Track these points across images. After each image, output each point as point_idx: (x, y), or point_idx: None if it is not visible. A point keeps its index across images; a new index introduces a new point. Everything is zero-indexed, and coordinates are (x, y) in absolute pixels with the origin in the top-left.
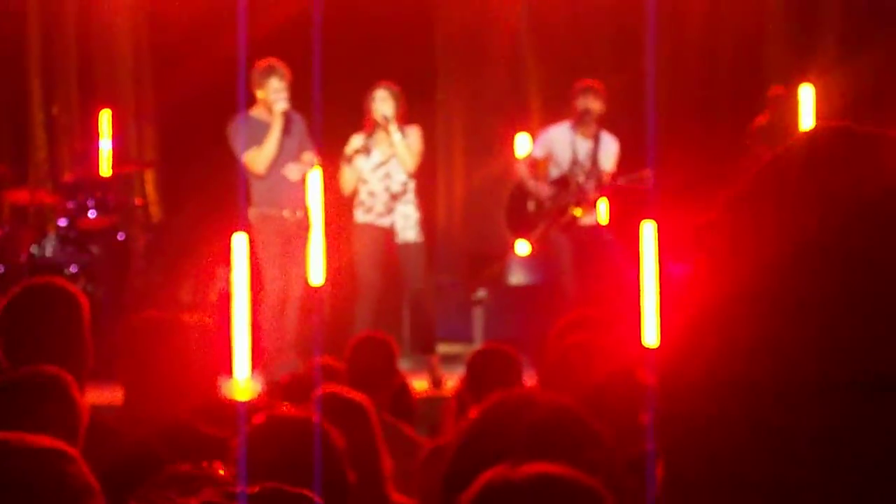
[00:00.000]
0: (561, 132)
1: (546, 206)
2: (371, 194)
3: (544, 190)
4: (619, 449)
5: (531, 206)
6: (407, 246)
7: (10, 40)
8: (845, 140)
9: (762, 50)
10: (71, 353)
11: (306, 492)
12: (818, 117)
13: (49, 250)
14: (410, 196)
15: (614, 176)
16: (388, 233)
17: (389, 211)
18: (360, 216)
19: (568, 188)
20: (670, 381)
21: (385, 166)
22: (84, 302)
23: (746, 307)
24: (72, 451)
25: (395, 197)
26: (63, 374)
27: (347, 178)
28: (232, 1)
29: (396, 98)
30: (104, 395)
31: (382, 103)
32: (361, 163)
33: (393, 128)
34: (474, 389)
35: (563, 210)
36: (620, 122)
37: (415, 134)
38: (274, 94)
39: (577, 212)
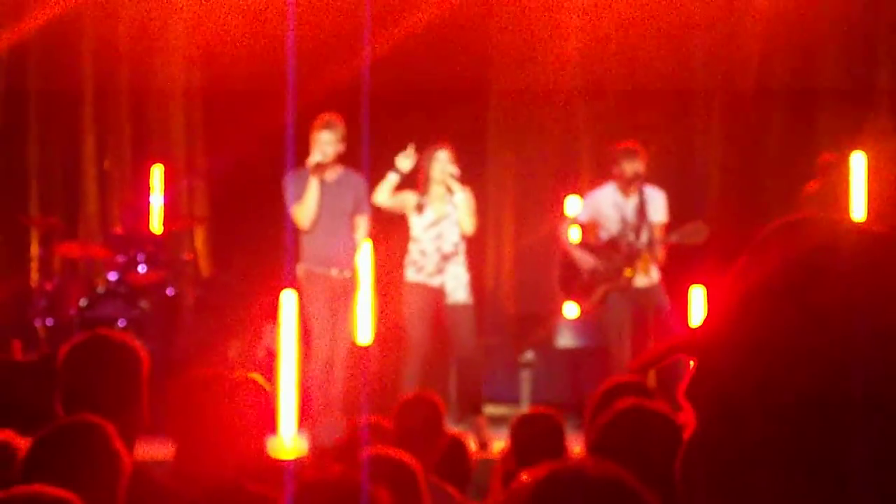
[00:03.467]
0: (605, 195)
1: (600, 270)
2: (423, 253)
3: (589, 260)
4: None
5: (585, 272)
6: (457, 307)
7: (65, 94)
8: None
9: (814, 115)
10: (127, 407)
11: None
12: (870, 185)
13: (99, 304)
14: (461, 257)
15: (666, 230)
16: (439, 293)
17: (440, 271)
18: (410, 275)
19: (619, 250)
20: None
21: (437, 226)
22: (144, 357)
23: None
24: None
25: (446, 257)
26: (105, 425)
27: (387, 191)
28: (286, 59)
29: (454, 158)
30: (153, 451)
31: (446, 164)
32: (414, 220)
33: (457, 187)
34: (519, 454)
35: (618, 273)
36: (670, 184)
37: (468, 195)
38: (317, 147)
39: (630, 273)
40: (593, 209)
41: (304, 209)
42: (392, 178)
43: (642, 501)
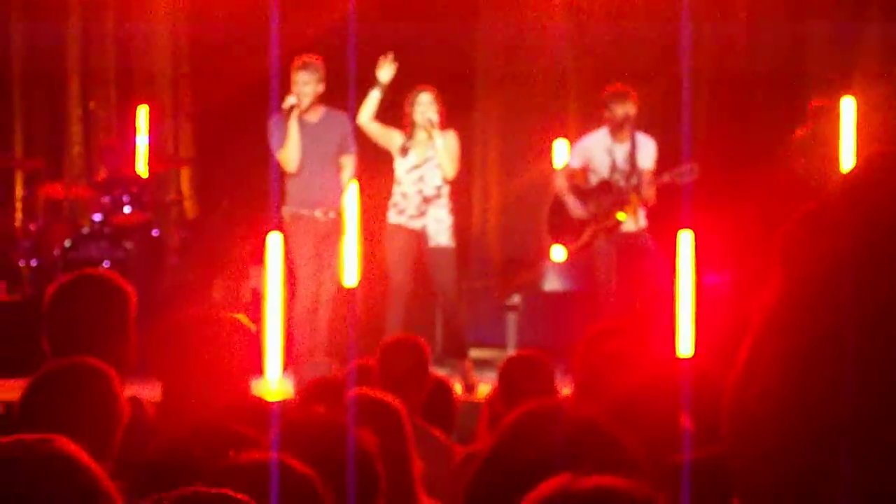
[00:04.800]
0: (597, 139)
1: (590, 212)
2: (404, 196)
3: (579, 207)
4: (654, 459)
5: (575, 213)
6: (438, 250)
7: (49, 35)
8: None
9: (803, 60)
10: (114, 346)
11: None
12: (859, 131)
13: (83, 245)
14: (444, 200)
15: (656, 174)
16: (420, 236)
17: (422, 214)
18: (392, 217)
19: (610, 192)
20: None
21: (419, 169)
22: (132, 296)
23: (811, 338)
24: (82, 456)
25: (427, 200)
26: (106, 368)
27: (370, 109)
28: (271, 1)
29: (438, 102)
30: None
31: (427, 108)
32: (398, 162)
33: (437, 132)
34: (507, 397)
35: (608, 215)
36: (659, 127)
37: (452, 138)
38: (295, 88)
39: (621, 216)
40: (584, 154)
41: (288, 152)
42: (374, 95)
43: (617, 443)
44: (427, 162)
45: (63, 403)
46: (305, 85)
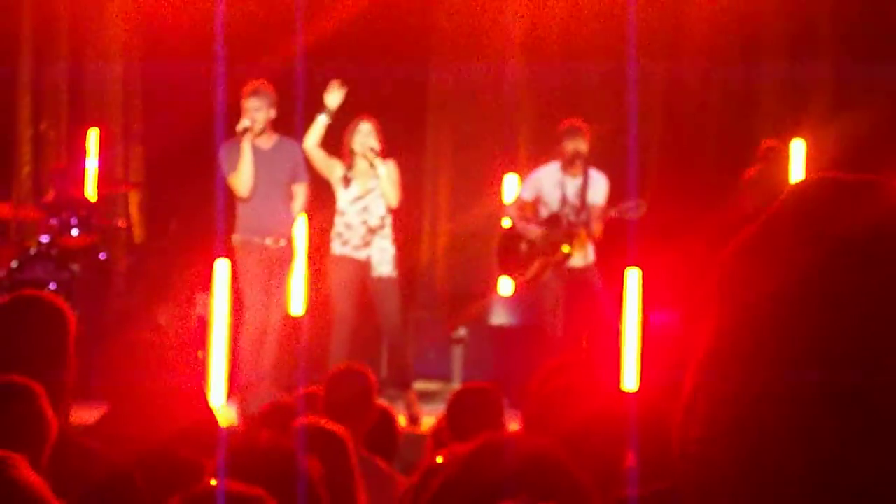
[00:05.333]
0: (549, 173)
1: (538, 245)
2: (348, 226)
3: (534, 231)
4: (601, 493)
5: (524, 247)
6: (382, 280)
7: (1, 54)
8: (832, 188)
9: (754, 101)
10: (54, 368)
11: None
12: (808, 172)
13: (29, 266)
14: (387, 230)
15: (605, 210)
16: (365, 266)
17: (367, 244)
18: (336, 248)
19: (559, 226)
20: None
21: (363, 200)
22: (71, 318)
23: (750, 352)
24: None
25: (372, 231)
26: (32, 385)
27: (317, 135)
28: (222, 28)
29: (378, 131)
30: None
31: (368, 137)
32: (340, 193)
33: (378, 161)
34: (455, 428)
35: (555, 248)
36: (610, 164)
37: (392, 168)
38: (247, 114)
39: (567, 248)
40: (536, 186)
41: (240, 177)
42: (322, 120)
43: (570, 473)
44: (370, 192)
45: None
46: (257, 111)
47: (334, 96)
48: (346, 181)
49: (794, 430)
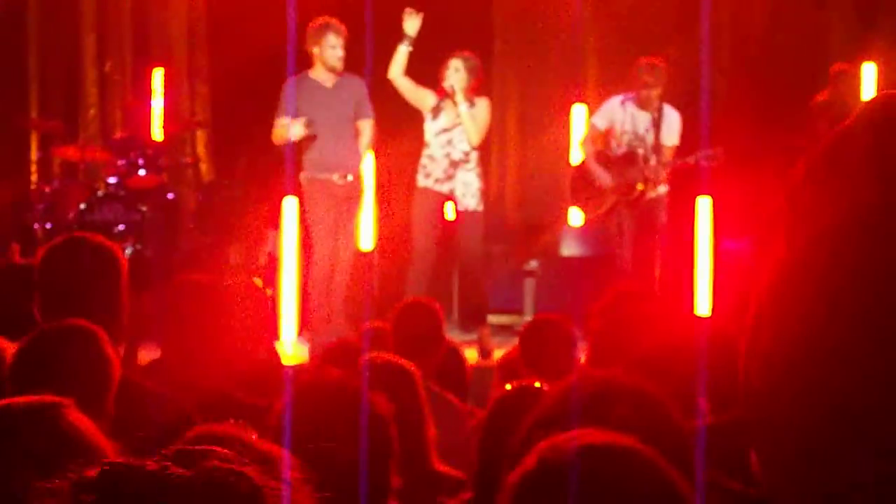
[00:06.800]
0: (623, 105)
1: (614, 182)
2: (431, 159)
3: (604, 176)
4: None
5: (598, 183)
6: (466, 213)
7: None
8: None
9: (826, 26)
10: (107, 309)
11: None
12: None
13: (98, 208)
14: (472, 165)
15: (683, 153)
16: (447, 199)
17: (449, 178)
18: (420, 180)
19: (635, 164)
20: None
21: (448, 133)
22: (122, 259)
23: (813, 283)
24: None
25: (455, 164)
26: (93, 328)
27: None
28: None
29: (471, 69)
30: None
31: (454, 73)
32: (428, 124)
33: (460, 98)
34: (528, 360)
35: (630, 187)
36: (680, 94)
37: (483, 106)
38: (330, 51)
39: (641, 186)
40: (609, 118)
41: (279, 133)
42: (403, 49)
43: (670, 417)
44: (457, 126)
45: (53, 365)
46: (334, 49)
47: (412, 23)
48: (436, 111)
49: (855, 363)
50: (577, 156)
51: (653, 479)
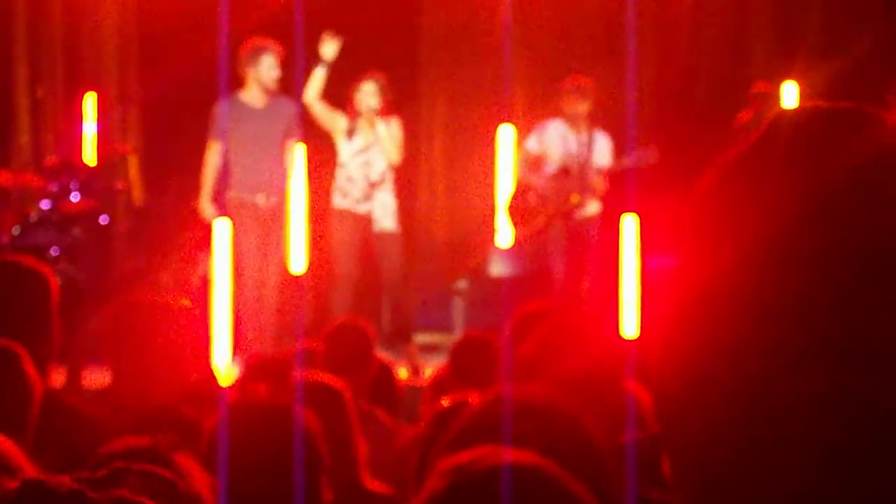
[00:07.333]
0: (554, 127)
1: (548, 195)
2: (349, 180)
3: (544, 183)
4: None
5: (532, 197)
6: (384, 235)
7: None
8: (826, 117)
9: (747, 46)
10: (37, 331)
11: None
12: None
13: (31, 232)
14: (389, 185)
15: (612, 167)
16: (366, 220)
17: (367, 198)
18: (337, 201)
19: (569, 176)
20: (663, 379)
21: (365, 153)
22: (53, 281)
23: (728, 298)
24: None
25: (373, 185)
26: (14, 348)
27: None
28: None
29: (383, 90)
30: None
31: (368, 96)
32: (342, 146)
33: (378, 120)
34: (458, 378)
35: (565, 198)
36: (607, 114)
37: (396, 125)
38: (266, 72)
39: (576, 198)
40: (542, 140)
41: (210, 155)
42: (319, 72)
43: (585, 432)
44: (373, 146)
45: None
46: (270, 69)
47: (329, 47)
48: (350, 133)
49: (775, 377)
50: (509, 178)
51: (555, 498)
